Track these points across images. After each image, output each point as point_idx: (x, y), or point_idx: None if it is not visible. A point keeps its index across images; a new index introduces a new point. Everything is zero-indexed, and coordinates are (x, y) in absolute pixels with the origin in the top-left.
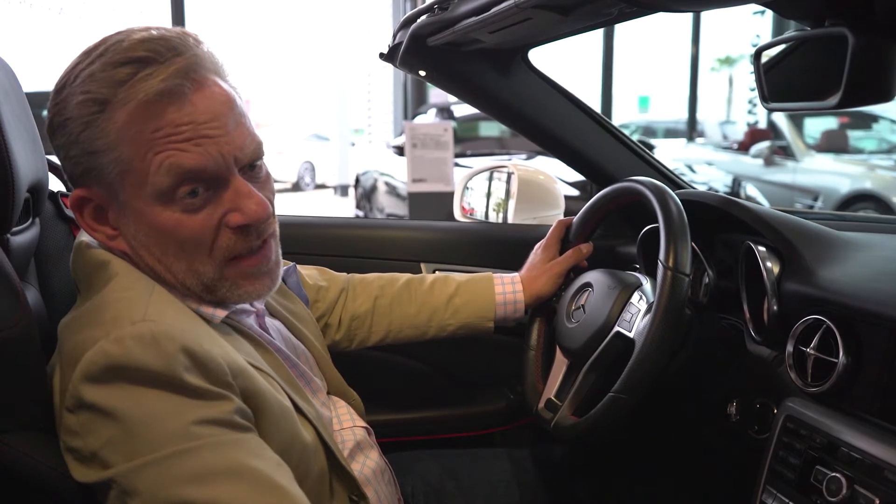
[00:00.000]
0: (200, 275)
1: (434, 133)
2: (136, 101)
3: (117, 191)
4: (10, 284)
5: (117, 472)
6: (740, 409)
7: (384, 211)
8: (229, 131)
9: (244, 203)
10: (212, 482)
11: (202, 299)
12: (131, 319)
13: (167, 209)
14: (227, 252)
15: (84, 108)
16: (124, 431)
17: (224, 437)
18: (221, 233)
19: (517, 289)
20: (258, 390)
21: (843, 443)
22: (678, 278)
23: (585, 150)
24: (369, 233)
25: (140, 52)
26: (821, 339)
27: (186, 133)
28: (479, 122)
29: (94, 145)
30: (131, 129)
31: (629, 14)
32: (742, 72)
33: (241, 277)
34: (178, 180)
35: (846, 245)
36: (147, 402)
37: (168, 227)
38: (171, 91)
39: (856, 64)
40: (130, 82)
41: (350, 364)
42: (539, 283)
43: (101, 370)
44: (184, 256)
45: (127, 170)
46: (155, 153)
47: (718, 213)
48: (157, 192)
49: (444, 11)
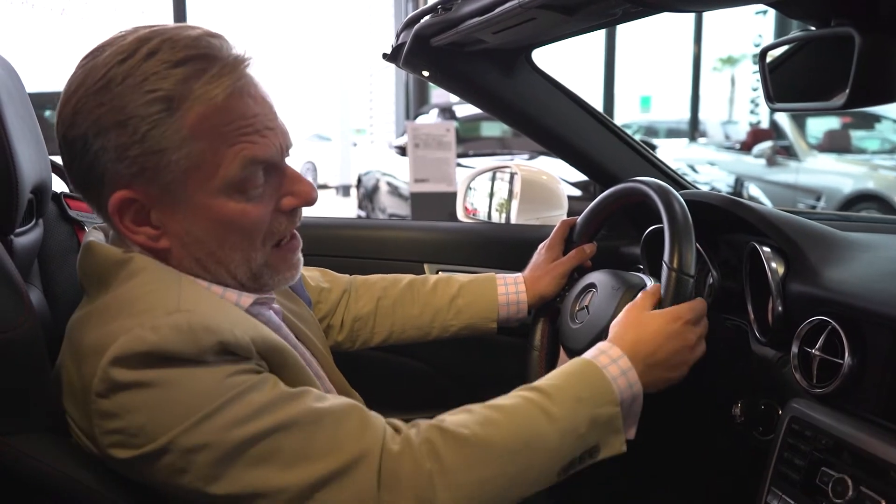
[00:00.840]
0: (251, 261)
1: (436, 133)
2: (208, 98)
3: (175, 187)
4: (14, 286)
5: (173, 436)
6: (745, 411)
7: (386, 211)
8: (278, 121)
9: (298, 187)
10: (269, 412)
11: (238, 287)
12: (166, 310)
13: (232, 200)
14: (277, 236)
15: (153, 106)
16: (167, 400)
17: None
18: (275, 218)
19: (520, 289)
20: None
21: (849, 444)
22: (682, 279)
23: (589, 150)
24: (372, 233)
25: (199, 49)
26: (826, 339)
27: (255, 125)
28: (481, 122)
29: (164, 142)
30: (204, 125)
31: (634, 14)
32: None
33: (282, 262)
34: (250, 171)
35: (851, 245)
36: (183, 376)
37: (233, 217)
38: (240, 87)
39: (862, 64)
40: (203, 78)
41: (353, 365)
42: (542, 284)
43: (137, 355)
44: (242, 245)
45: (196, 165)
46: (228, 146)
47: (722, 214)
48: (227, 183)
49: (447, 11)
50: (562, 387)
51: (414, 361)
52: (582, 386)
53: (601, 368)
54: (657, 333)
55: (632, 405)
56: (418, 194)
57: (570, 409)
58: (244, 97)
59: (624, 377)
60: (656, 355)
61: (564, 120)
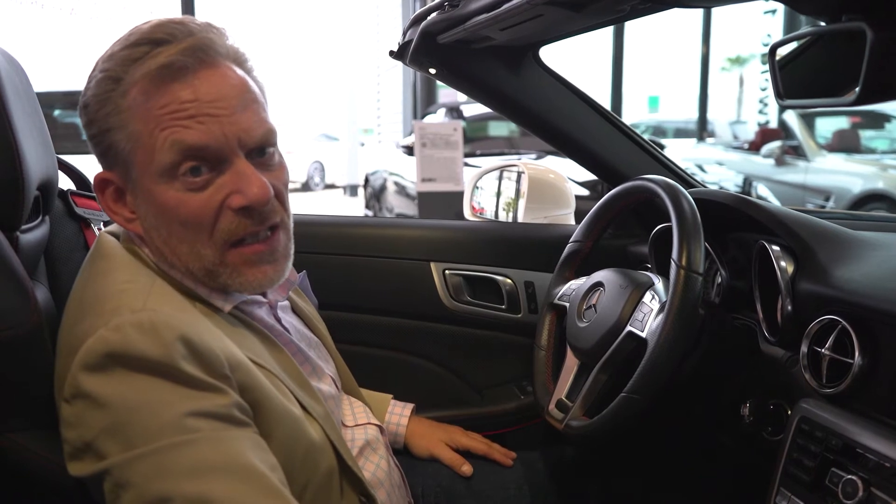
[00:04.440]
0: (202, 258)
1: (444, 133)
2: (143, 75)
3: (129, 170)
4: (21, 283)
5: (111, 463)
6: (754, 411)
7: (393, 211)
8: (235, 112)
9: (245, 185)
10: (203, 478)
11: (209, 287)
12: (131, 308)
13: (170, 187)
14: (228, 235)
15: (101, 86)
16: (118, 422)
17: (219, 431)
18: (223, 214)
19: (405, 414)
20: (257, 385)
21: (859, 445)
22: (691, 277)
23: (597, 148)
24: (379, 232)
25: (157, 33)
26: (836, 339)
27: (190, 110)
28: (488, 121)
29: (109, 122)
30: (141, 105)
31: (642, 10)
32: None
33: (243, 264)
34: (181, 157)
35: (861, 244)
36: (142, 390)
37: (171, 205)
38: (175, 66)
39: (874, 60)
40: (141, 59)
41: (361, 364)
42: (422, 441)
43: (99, 358)
44: (186, 237)
45: (136, 147)
46: (161, 129)
47: (731, 212)
48: (162, 168)
49: (454, 9)
50: None
51: (421, 360)
52: None
53: None
54: None
55: None
56: (425, 194)
57: None
58: (182, 80)
59: None
60: None
61: (572, 118)
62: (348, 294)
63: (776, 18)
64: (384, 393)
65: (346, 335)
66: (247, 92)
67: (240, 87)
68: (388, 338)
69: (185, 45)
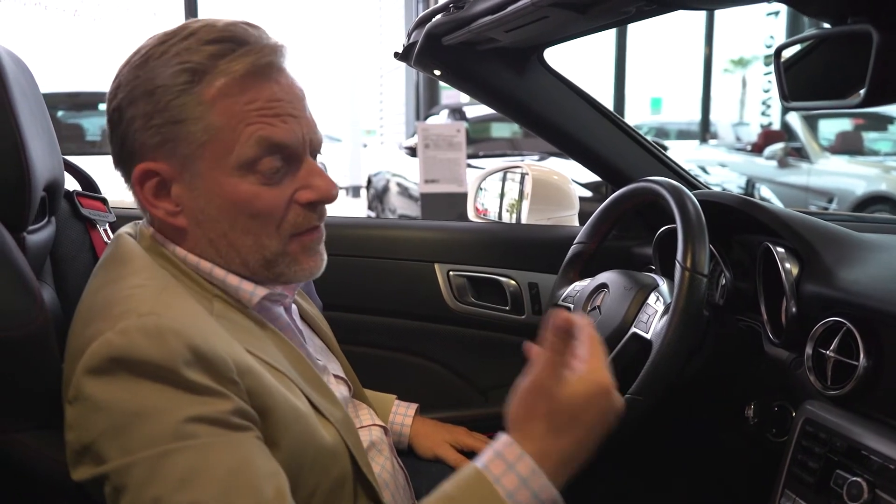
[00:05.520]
0: (265, 248)
1: (447, 134)
2: (232, 73)
3: (193, 162)
4: (27, 283)
5: (109, 467)
6: (758, 412)
7: (396, 212)
8: (307, 115)
9: (316, 181)
10: (198, 484)
11: (253, 276)
12: (138, 312)
13: (245, 180)
14: (294, 228)
15: (179, 77)
16: (116, 426)
17: (218, 437)
18: (291, 208)
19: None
20: (267, 390)
21: (864, 446)
22: (696, 279)
23: (601, 150)
24: (384, 233)
25: (234, 31)
26: (840, 341)
27: (276, 109)
28: (491, 122)
29: (185, 113)
30: (225, 99)
31: (647, 12)
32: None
33: (302, 252)
34: (264, 152)
35: (865, 247)
36: (143, 395)
37: (244, 198)
38: (265, 68)
39: (880, 62)
40: (229, 56)
41: (365, 365)
42: (426, 440)
43: (103, 361)
44: (253, 229)
45: (213, 139)
46: (246, 124)
47: (736, 214)
48: (241, 162)
49: (459, 10)
50: None
51: (425, 361)
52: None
53: (492, 483)
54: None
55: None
56: (428, 195)
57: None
58: (269, 80)
59: (525, 488)
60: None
61: (576, 119)
62: (352, 295)
63: (779, 20)
64: (388, 394)
65: (351, 336)
66: (306, 97)
67: (303, 92)
68: (392, 339)
69: (268, 47)
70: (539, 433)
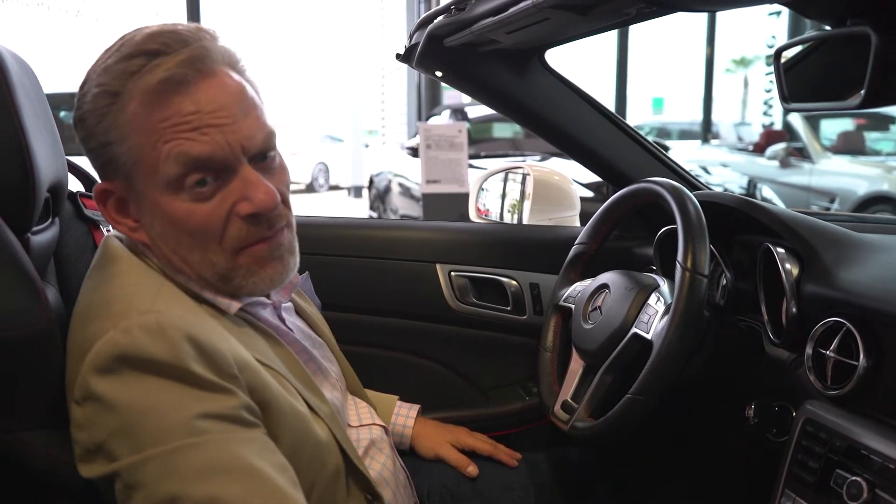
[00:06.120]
0: (214, 265)
1: (448, 134)
2: (143, 90)
3: (133, 181)
4: (32, 283)
5: (121, 465)
6: (758, 412)
7: (398, 212)
8: (237, 120)
9: (252, 192)
10: (211, 479)
11: (219, 290)
12: (139, 310)
13: (177, 198)
14: (238, 242)
15: (98, 101)
16: (128, 424)
17: (228, 433)
18: (231, 222)
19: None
20: (265, 385)
21: (864, 446)
22: (697, 279)
23: (602, 150)
24: (385, 233)
25: (151, 44)
26: (841, 341)
27: (193, 122)
28: (492, 123)
29: (108, 136)
30: (141, 119)
31: (648, 14)
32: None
33: (255, 262)
34: (186, 169)
35: (866, 247)
36: (152, 392)
37: (179, 216)
38: (175, 80)
39: (878, 64)
40: (139, 73)
41: (366, 365)
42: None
43: (108, 360)
44: (196, 246)
45: (139, 159)
46: (164, 142)
47: (736, 215)
48: (167, 181)
49: (461, 12)
50: None
51: (426, 361)
52: None
53: None
54: None
55: None
56: (430, 195)
57: None
58: (182, 93)
59: None
60: None
61: (577, 120)
62: (354, 295)
63: (781, 20)
64: (390, 394)
65: (352, 336)
66: (245, 98)
67: (238, 93)
68: (393, 339)
69: (182, 57)
70: None
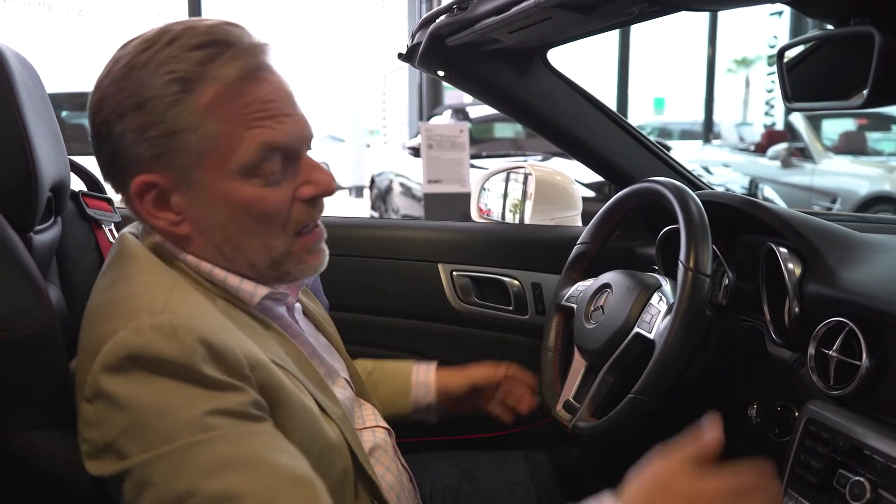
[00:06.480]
0: (272, 249)
1: (450, 134)
2: (224, 78)
3: (191, 171)
4: (34, 283)
5: (132, 463)
6: (761, 412)
7: (399, 212)
8: (297, 111)
9: (316, 175)
10: (225, 473)
11: (261, 277)
12: (151, 311)
13: (248, 184)
14: (298, 225)
15: (170, 87)
16: (138, 422)
17: (238, 428)
18: (294, 206)
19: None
20: (277, 384)
21: (867, 446)
22: (699, 279)
23: (604, 150)
24: (387, 233)
25: (221, 35)
26: (843, 341)
27: (271, 110)
28: (494, 123)
29: (180, 123)
30: (219, 106)
31: (650, 13)
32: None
33: (306, 252)
34: (265, 155)
35: (869, 247)
36: (162, 392)
37: (250, 201)
38: (253, 68)
39: (882, 63)
40: (217, 61)
41: None
42: (449, 377)
43: (119, 359)
44: (260, 231)
45: (211, 147)
46: (246, 129)
47: (739, 214)
48: (243, 166)
49: (463, 11)
50: None
51: (428, 360)
52: None
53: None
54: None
55: None
56: (431, 195)
57: None
58: (260, 82)
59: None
60: None
61: (580, 120)
62: (356, 295)
63: (782, 20)
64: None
65: (354, 336)
66: (293, 93)
67: (290, 87)
68: (395, 339)
69: (256, 47)
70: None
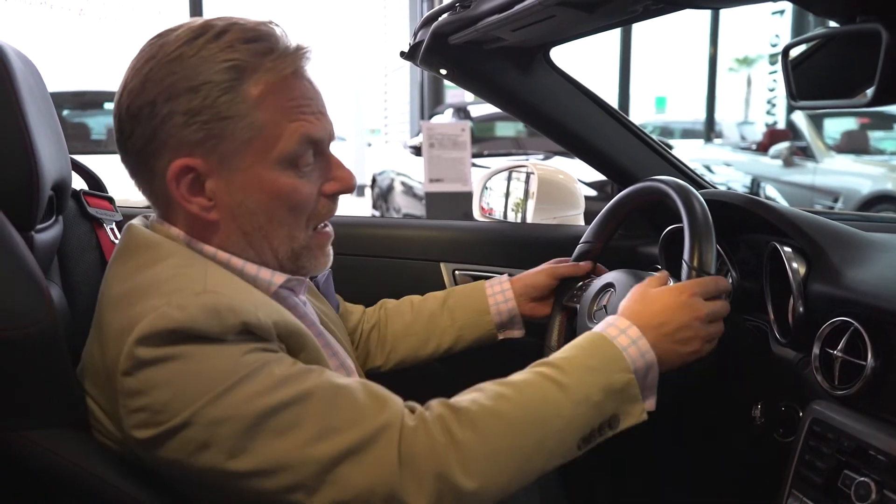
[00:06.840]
0: (294, 240)
1: (451, 133)
2: (278, 71)
3: (233, 157)
4: (36, 282)
5: (196, 409)
6: (765, 412)
7: (401, 211)
8: (327, 110)
9: (340, 172)
10: (288, 384)
11: (282, 267)
12: (193, 291)
13: (284, 174)
14: (318, 219)
15: (225, 74)
16: (190, 374)
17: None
18: (319, 200)
19: (504, 283)
20: (317, 355)
21: (872, 447)
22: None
23: (607, 149)
24: (388, 232)
25: (267, 31)
26: (848, 341)
27: (312, 107)
28: (496, 122)
29: (231, 110)
30: (269, 97)
31: (654, 11)
32: (761, 72)
33: (317, 247)
34: (304, 148)
35: (873, 246)
36: (204, 352)
37: (285, 191)
38: (299, 64)
39: (889, 61)
40: (272, 55)
41: None
42: (528, 276)
43: (163, 332)
44: (288, 221)
45: (257, 135)
46: (290, 121)
47: (743, 214)
48: (283, 157)
49: (465, 9)
50: (571, 358)
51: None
52: (592, 356)
53: (610, 339)
54: (664, 306)
55: (647, 375)
56: (433, 194)
57: (582, 379)
58: (303, 80)
59: (634, 346)
60: (665, 326)
61: (582, 118)
62: (357, 295)
63: (784, 19)
64: (396, 390)
65: None
66: None
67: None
68: None
69: (301, 48)
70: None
